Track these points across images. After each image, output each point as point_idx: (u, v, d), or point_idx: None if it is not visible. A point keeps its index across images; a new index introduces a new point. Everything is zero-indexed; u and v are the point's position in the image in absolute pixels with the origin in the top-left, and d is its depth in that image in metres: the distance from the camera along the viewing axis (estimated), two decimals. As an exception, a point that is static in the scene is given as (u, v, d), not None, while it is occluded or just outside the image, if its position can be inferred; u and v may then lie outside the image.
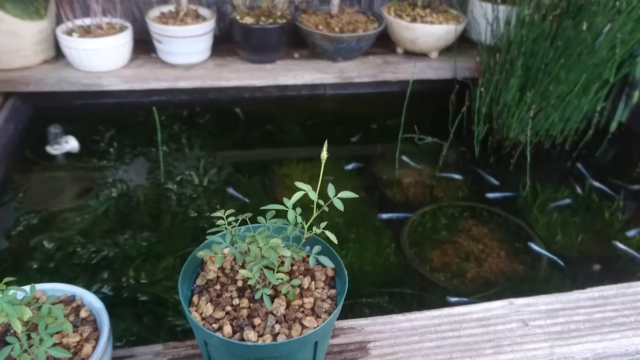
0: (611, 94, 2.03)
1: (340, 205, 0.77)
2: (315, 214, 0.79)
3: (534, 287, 1.49)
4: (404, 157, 1.98)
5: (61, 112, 2.06)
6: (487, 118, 2.01)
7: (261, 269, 0.76)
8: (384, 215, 1.71)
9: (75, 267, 1.40)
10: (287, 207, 0.78)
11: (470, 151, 2.02)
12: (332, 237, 0.78)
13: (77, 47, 1.92)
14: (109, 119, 2.08)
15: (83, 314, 0.87)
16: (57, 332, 0.75)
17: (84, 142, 1.91)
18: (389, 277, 1.52)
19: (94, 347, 0.81)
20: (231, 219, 0.81)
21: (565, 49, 1.78)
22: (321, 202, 0.78)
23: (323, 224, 0.80)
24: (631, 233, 1.68)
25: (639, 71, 2.01)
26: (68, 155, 1.88)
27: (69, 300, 0.90)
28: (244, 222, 0.84)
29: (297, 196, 0.75)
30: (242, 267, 0.86)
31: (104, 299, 0.87)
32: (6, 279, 0.72)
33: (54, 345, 0.71)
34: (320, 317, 0.80)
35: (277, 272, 0.78)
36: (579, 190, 1.86)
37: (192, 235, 1.56)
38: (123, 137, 1.97)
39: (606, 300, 1.15)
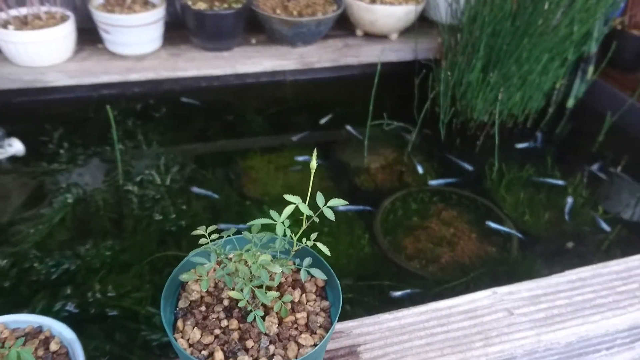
0: (567, 71, 2.07)
1: (331, 215, 0.72)
2: (304, 226, 0.74)
3: (509, 269, 1.51)
4: (349, 127, 1.94)
5: None
6: (451, 99, 2.01)
7: (252, 289, 0.71)
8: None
9: (34, 284, 1.30)
10: (275, 221, 0.73)
11: (436, 134, 2.01)
12: (325, 250, 0.74)
13: (14, 41, 1.75)
14: (55, 116, 1.93)
15: (53, 346, 0.80)
16: (29, 378, 0.68)
17: (29, 144, 1.77)
18: (366, 269, 1.50)
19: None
20: (214, 236, 0.75)
21: (526, 28, 1.78)
22: (310, 212, 0.73)
23: (314, 235, 0.76)
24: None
25: (593, 47, 2.06)
26: (13, 159, 1.73)
27: (36, 332, 0.83)
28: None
29: (288, 210, 0.69)
30: (225, 284, 0.80)
31: (68, 317, 0.80)
32: None
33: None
34: (315, 333, 0.76)
35: (267, 289, 0.74)
36: (543, 168, 1.90)
37: (158, 239, 1.48)
38: (73, 137, 1.84)
39: (584, 282, 1.17)
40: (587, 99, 2.16)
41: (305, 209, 0.70)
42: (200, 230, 0.75)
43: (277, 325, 0.75)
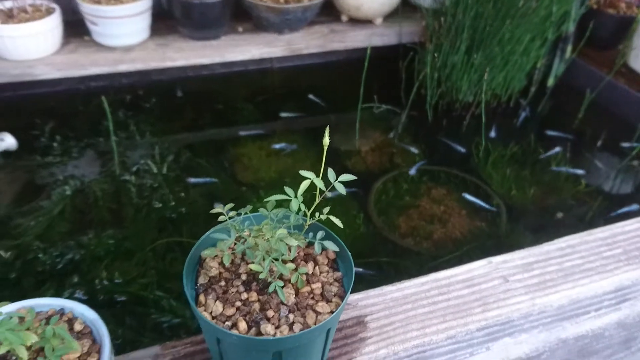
0: (546, 51, 2.13)
1: (342, 190, 0.76)
2: (317, 200, 0.78)
3: (499, 242, 1.58)
4: (311, 96, 1.99)
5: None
6: (437, 81, 2.06)
7: (271, 262, 0.75)
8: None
9: (40, 275, 1.31)
10: (290, 196, 0.77)
11: (422, 115, 2.06)
12: (338, 222, 0.78)
13: (1, 35, 1.74)
14: (44, 110, 1.92)
15: (77, 327, 0.82)
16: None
17: (21, 138, 1.76)
18: (363, 247, 1.54)
19: (98, 360, 0.77)
20: (232, 213, 0.79)
21: (507, 10, 1.84)
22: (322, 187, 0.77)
23: (326, 209, 0.80)
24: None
25: (571, 27, 2.13)
26: (5, 154, 1.73)
27: (58, 314, 0.85)
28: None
29: (304, 185, 0.73)
30: (243, 259, 0.84)
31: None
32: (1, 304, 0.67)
33: (64, 367, 0.67)
34: (331, 302, 0.80)
35: (283, 262, 0.78)
36: (526, 145, 1.97)
37: (159, 226, 1.50)
38: (65, 129, 1.84)
39: (573, 249, 1.24)
40: (566, 78, 2.23)
41: (320, 183, 0.74)
42: (218, 209, 0.79)
43: (294, 295, 0.80)
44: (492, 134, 1.99)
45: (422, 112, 2.06)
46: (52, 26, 1.83)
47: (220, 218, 0.79)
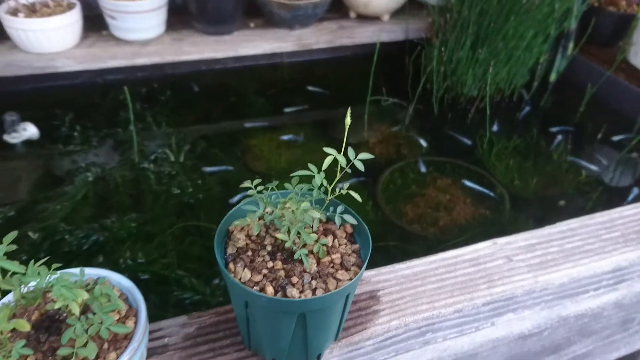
0: (549, 47, 2.20)
1: (361, 166, 0.83)
2: (338, 176, 0.85)
3: (502, 228, 1.64)
4: (310, 87, 2.06)
5: (9, 98, 1.96)
6: (442, 76, 2.12)
7: (297, 231, 0.81)
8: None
9: (67, 255, 1.39)
10: (313, 172, 0.84)
11: (428, 109, 2.13)
12: (357, 197, 0.85)
13: (24, 28, 1.81)
14: (63, 102, 2.00)
15: (115, 293, 0.89)
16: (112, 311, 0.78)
17: (42, 128, 1.83)
18: (373, 232, 1.60)
19: (136, 323, 0.84)
20: (260, 187, 0.86)
21: (512, 6, 1.91)
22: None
23: (346, 184, 0.86)
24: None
25: (573, 23, 2.19)
26: (28, 143, 1.80)
27: (95, 282, 0.92)
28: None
29: (327, 161, 0.80)
30: (267, 232, 0.91)
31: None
32: (54, 265, 0.74)
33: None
34: (350, 270, 0.87)
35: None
36: (529, 137, 2.03)
37: (177, 211, 1.57)
38: (84, 120, 1.91)
39: (573, 232, 1.30)
40: (568, 74, 2.30)
41: (342, 159, 0.81)
42: (247, 183, 0.85)
43: (316, 265, 0.87)
44: (496, 127, 2.06)
45: (428, 106, 2.13)
46: (73, 20, 1.90)
47: (249, 192, 0.86)
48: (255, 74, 2.30)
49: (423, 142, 1.97)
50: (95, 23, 2.08)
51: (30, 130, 1.81)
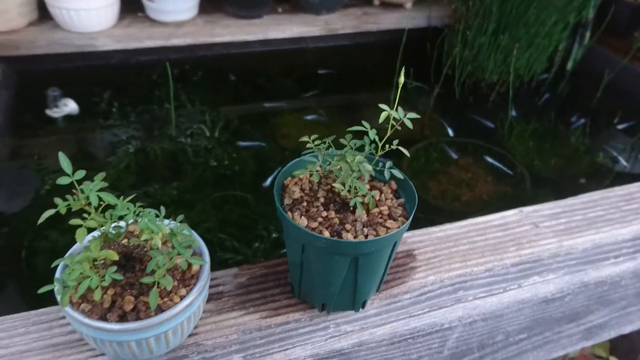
0: (567, 35, 2.27)
1: (409, 124, 0.91)
2: (389, 132, 0.93)
3: (523, 204, 1.71)
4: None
5: (51, 75, 2.05)
6: (464, 61, 2.20)
7: (352, 181, 0.89)
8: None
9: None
10: (367, 128, 0.91)
11: (449, 93, 2.21)
12: (406, 152, 0.92)
13: (67, 7, 1.90)
14: (100, 80, 2.08)
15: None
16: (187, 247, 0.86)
17: (82, 104, 1.92)
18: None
19: (201, 265, 0.92)
20: (317, 142, 0.94)
21: (534, -7, 1.98)
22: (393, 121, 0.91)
23: (396, 141, 0.94)
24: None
25: (591, 13, 2.26)
26: (68, 117, 1.89)
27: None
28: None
29: (384, 115, 0.88)
30: (319, 186, 0.99)
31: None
32: (138, 204, 0.82)
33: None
34: (397, 220, 0.95)
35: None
36: (547, 121, 2.11)
37: (215, 182, 1.66)
38: (121, 97, 1.99)
39: (595, 202, 1.38)
40: (584, 63, 2.37)
41: (396, 114, 0.88)
42: (305, 138, 0.93)
43: (366, 215, 0.94)
44: (515, 112, 2.13)
45: (449, 90, 2.20)
46: (112, 1, 1.98)
47: (308, 146, 0.94)
48: (281, 57, 2.38)
49: (445, 124, 2.04)
50: (130, 5, 2.16)
51: (70, 106, 1.89)
